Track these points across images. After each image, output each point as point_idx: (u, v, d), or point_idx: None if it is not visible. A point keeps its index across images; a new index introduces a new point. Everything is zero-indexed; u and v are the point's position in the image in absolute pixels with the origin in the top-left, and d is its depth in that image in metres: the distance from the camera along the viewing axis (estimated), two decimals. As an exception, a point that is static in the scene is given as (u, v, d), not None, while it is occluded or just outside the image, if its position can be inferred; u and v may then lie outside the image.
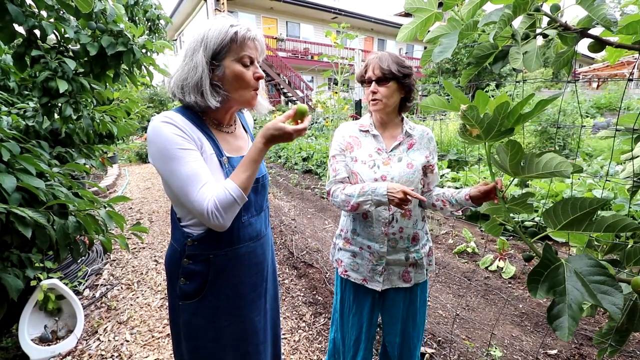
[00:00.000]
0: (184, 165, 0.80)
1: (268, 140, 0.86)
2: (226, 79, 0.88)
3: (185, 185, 0.79)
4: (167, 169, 0.81)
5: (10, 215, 0.87)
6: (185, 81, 0.85)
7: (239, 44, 0.87)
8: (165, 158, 0.80)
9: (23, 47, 1.15)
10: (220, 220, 0.81)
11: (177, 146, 0.80)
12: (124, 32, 1.26)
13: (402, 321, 1.35)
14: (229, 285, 0.98)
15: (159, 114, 0.84)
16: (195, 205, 0.79)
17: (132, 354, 1.95)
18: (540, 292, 0.68)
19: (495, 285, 2.69)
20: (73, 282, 2.61)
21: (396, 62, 1.19)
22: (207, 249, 0.93)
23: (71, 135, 1.96)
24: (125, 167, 8.68)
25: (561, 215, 0.72)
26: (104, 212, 1.18)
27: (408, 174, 1.22)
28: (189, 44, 0.87)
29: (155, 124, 0.82)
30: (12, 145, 0.99)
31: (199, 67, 0.84)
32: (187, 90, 0.86)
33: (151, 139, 0.82)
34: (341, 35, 4.52)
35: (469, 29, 0.93)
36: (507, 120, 0.74)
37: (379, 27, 18.61)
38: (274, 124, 0.85)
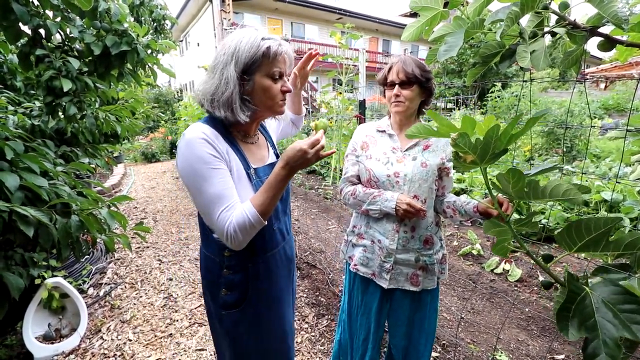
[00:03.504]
0: (212, 185, 0.80)
1: (288, 164, 0.83)
2: (255, 94, 0.87)
3: (211, 204, 0.80)
4: (195, 187, 0.81)
5: (13, 214, 0.87)
6: (215, 95, 0.85)
7: (271, 59, 0.85)
8: (195, 175, 0.80)
9: (28, 46, 1.15)
10: (236, 242, 0.82)
11: (207, 165, 0.80)
12: (128, 31, 1.27)
13: (408, 324, 1.33)
14: (268, 290, 1.00)
15: (192, 126, 0.84)
16: (216, 226, 0.81)
17: (134, 353, 1.95)
18: (572, 330, 0.60)
19: (500, 288, 2.66)
20: (77, 280, 2.63)
21: (419, 67, 1.21)
22: (244, 259, 0.95)
23: (76, 135, 1.98)
24: (130, 167, 8.74)
25: (576, 238, 0.68)
26: (106, 211, 1.18)
27: (422, 172, 1.22)
28: (220, 55, 0.86)
29: (190, 140, 0.81)
30: (16, 144, 0.99)
31: (230, 82, 0.83)
32: (217, 105, 0.85)
33: (183, 153, 0.82)
34: (346, 36, 4.50)
35: (475, 28, 0.92)
36: (500, 142, 0.72)
37: (384, 27, 18.57)
38: (294, 146, 0.83)
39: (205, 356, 1.93)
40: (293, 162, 0.83)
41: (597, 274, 0.73)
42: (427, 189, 1.22)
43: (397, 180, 1.23)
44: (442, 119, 0.84)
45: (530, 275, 2.80)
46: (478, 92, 13.90)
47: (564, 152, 5.63)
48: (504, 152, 0.79)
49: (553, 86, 14.74)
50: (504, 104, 8.30)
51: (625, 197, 3.40)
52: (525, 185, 0.72)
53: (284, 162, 0.83)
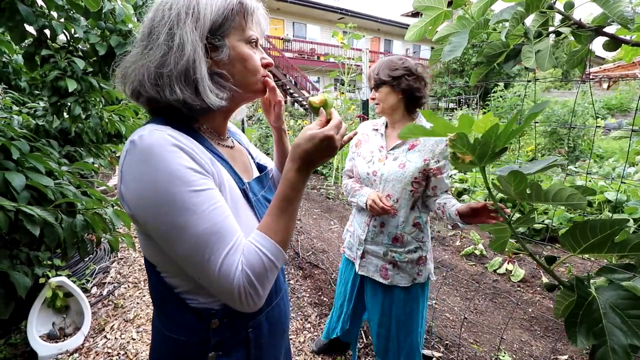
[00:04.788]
0: (201, 217, 0.50)
1: (305, 160, 0.58)
2: (230, 66, 0.60)
3: (204, 249, 0.50)
4: (173, 224, 0.50)
5: (19, 214, 0.88)
6: (162, 68, 0.54)
7: (246, 18, 0.61)
8: (169, 206, 0.49)
9: (33, 46, 1.16)
10: (255, 300, 0.53)
11: (189, 187, 0.50)
12: (133, 31, 1.28)
13: (383, 314, 1.40)
14: (269, 357, 0.71)
15: (143, 129, 0.52)
16: (216, 280, 0.51)
17: (138, 352, 1.96)
18: (580, 337, 0.58)
19: (503, 288, 2.65)
20: (81, 280, 2.64)
21: (387, 68, 1.28)
22: (241, 323, 0.64)
23: (80, 135, 1.99)
24: (133, 167, 8.77)
25: (580, 239, 0.67)
26: (111, 210, 1.18)
27: (397, 172, 1.26)
28: (161, 13, 0.56)
29: (151, 147, 0.49)
30: (21, 144, 1.00)
31: (187, 47, 0.54)
32: (166, 82, 0.54)
33: (140, 171, 0.50)
34: (348, 36, 4.50)
35: (480, 28, 0.92)
36: (499, 141, 0.71)
37: (386, 27, 18.55)
38: (302, 136, 0.58)
39: (208, 355, 1.94)
40: (314, 157, 0.58)
41: (601, 274, 0.73)
42: (400, 189, 1.26)
43: (374, 178, 1.32)
44: (437, 118, 0.83)
45: (534, 276, 2.79)
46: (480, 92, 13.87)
47: (567, 151, 5.61)
48: (504, 151, 0.78)
49: (556, 86, 14.70)
50: (506, 104, 8.29)
51: (629, 198, 3.39)
52: (528, 187, 0.71)
53: (301, 162, 0.58)
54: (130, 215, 0.54)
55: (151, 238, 0.55)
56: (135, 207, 0.51)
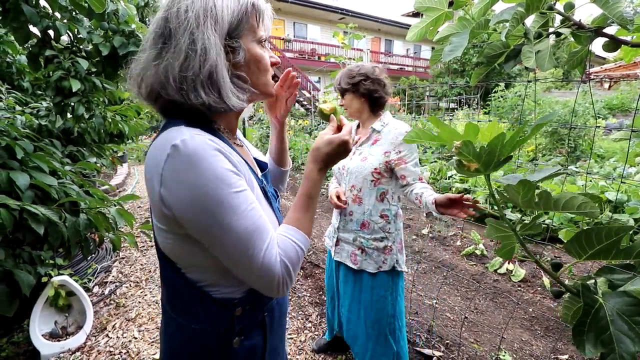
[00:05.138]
0: (243, 216, 0.54)
1: (324, 162, 0.66)
2: (246, 67, 0.62)
3: (247, 245, 0.54)
4: (219, 225, 0.53)
5: (24, 212, 0.89)
6: (186, 72, 0.54)
7: (258, 19, 0.62)
8: (216, 208, 0.52)
9: (37, 47, 1.17)
10: (289, 286, 0.59)
11: (231, 188, 0.53)
12: (136, 32, 1.29)
13: (352, 300, 1.50)
14: (279, 344, 0.76)
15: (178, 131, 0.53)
16: (260, 273, 0.55)
17: (139, 350, 1.97)
18: (588, 345, 0.57)
19: (504, 288, 2.65)
20: (83, 279, 2.65)
21: (347, 77, 1.41)
22: (260, 306, 0.68)
23: (83, 135, 2.00)
24: (134, 167, 8.79)
25: (586, 246, 0.66)
26: (114, 210, 1.19)
27: (359, 166, 1.40)
28: (178, 16, 0.55)
29: (196, 152, 0.51)
30: (25, 143, 1.01)
31: (211, 52, 0.54)
32: (190, 86, 0.55)
33: (187, 177, 0.51)
34: (348, 36, 4.51)
35: (480, 28, 0.92)
36: (505, 150, 0.71)
37: (387, 27, 18.55)
38: (321, 139, 0.67)
39: (209, 354, 1.95)
40: (333, 158, 0.67)
41: (601, 274, 0.73)
42: (362, 179, 1.40)
43: (343, 172, 1.48)
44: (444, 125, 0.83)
45: (534, 276, 2.80)
46: (481, 92, 13.86)
47: (567, 152, 5.60)
48: (509, 159, 0.78)
49: (557, 86, 14.69)
50: (507, 104, 8.29)
51: (629, 198, 3.39)
52: (536, 195, 0.71)
53: (322, 163, 0.66)
54: (170, 216, 0.54)
55: (183, 237, 0.57)
56: (179, 209, 0.53)
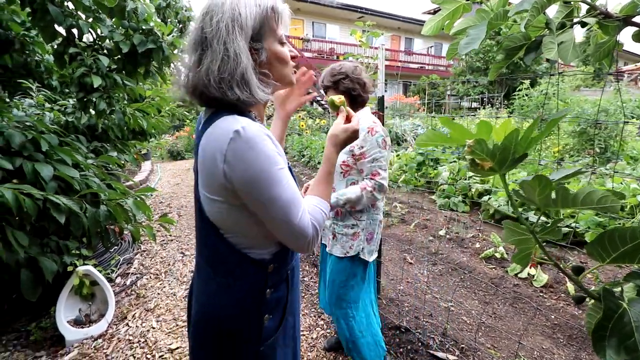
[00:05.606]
0: (286, 188, 0.68)
1: (341, 146, 0.83)
2: (270, 64, 0.74)
3: (289, 210, 0.68)
4: (269, 194, 0.66)
5: (47, 202, 0.93)
6: (222, 75, 0.67)
7: (277, 20, 0.73)
8: (267, 181, 0.66)
9: (62, 45, 1.23)
10: (316, 244, 0.73)
11: (277, 166, 0.67)
12: (154, 30, 1.32)
13: (326, 280, 1.66)
14: (297, 291, 0.89)
15: (234, 120, 0.66)
16: (297, 233, 0.69)
17: (157, 340, 2.03)
18: (609, 351, 0.55)
19: (525, 293, 2.55)
20: (106, 269, 2.76)
21: (329, 75, 1.49)
22: (285, 264, 0.82)
23: (107, 131, 2.08)
24: (157, 164, 9.08)
25: (610, 249, 0.62)
26: (132, 201, 1.23)
27: None
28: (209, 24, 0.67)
29: (254, 137, 0.65)
30: (50, 137, 1.07)
31: (241, 56, 0.66)
32: (227, 85, 0.67)
33: (248, 156, 0.64)
34: (366, 34, 4.47)
35: (499, 19, 0.89)
36: (519, 147, 0.68)
37: (406, 25, 18.26)
38: (338, 127, 0.83)
39: (223, 347, 1.98)
40: (346, 143, 0.83)
41: (629, 279, 0.68)
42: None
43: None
44: (455, 125, 0.81)
45: (558, 281, 2.68)
46: (505, 91, 13.38)
47: (596, 153, 5.32)
48: (524, 157, 0.75)
49: (587, 84, 13.97)
50: (532, 103, 7.96)
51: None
52: (553, 192, 0.68)
53: (339, 147, 0.83)
54: (230, 189, 0.67)
55: (235, 207, 0.70)
56: (239, 182, 0.65)
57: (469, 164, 0.81)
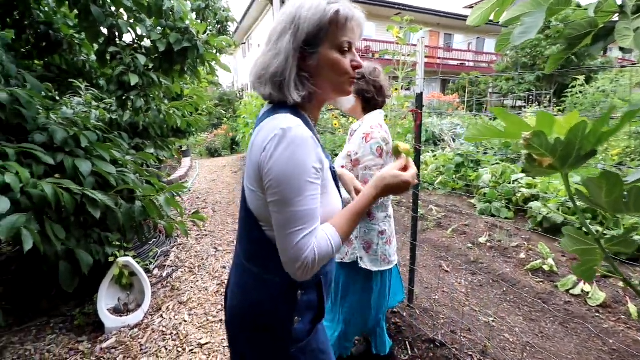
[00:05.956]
0: (304, 202, 0.66)
1: (383, 191, 0.76)
2: (319, 70, 0.73)
3: (294, 223, 0.66)
4: (286, 197, 0.66)
5: (84, 197, 0.96)
6: (265, 69, 0.72)
7: (341, 26, 0.71)
8: (290, 184, 0.65)
9: (104, 45, 1.28)
10: (307, 274, 0.68)
11: (307, 176, 0.66)
12: (190, 28, 1.34)
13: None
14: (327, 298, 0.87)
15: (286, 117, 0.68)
16: (290, 249, 0.66)
17: (188, 334, 2.08)
18: None
19: (578, 312, 2.30)
20: (145, 261, 2.89)
21: None
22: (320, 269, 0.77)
23: (147, 129, 2.17)
24: (196, 160, 9.49)
25: None
26: (163, 198, 1.25)
27: (336, 162, 1.49)
28: (276, 25, 0.73)
29: (297, 137, 0.66)
30: (90, 134, 1.11)
31: (281, 55, 0.69)
32: (263, 81, 0.73)
33: (285, 153, 0.65)
34: (404, 30, 4.31)
35: (561, 4, 0.77)
36: (587, 142, 0.57)
37: (446, 21, 17.52)
38: (390, 172, 0.77)
39: (250, 346, 1.98)
40: (391, 191, 0.77)
41: None
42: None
43: None
44: (511, 116, 0.72)
45: (617, 301, 2.38)
46: (554, 88, 12.36)
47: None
48: (593, 154, 0.64)
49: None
50: (586, 101, 7.24)
51: None
52: (624, 193, 0.57)
53: (380, 189, 0.76)
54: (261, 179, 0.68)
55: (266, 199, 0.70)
56: (266, 177, 0.67)
57: (525, 161, 0.71)
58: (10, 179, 0.83)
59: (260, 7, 15.13)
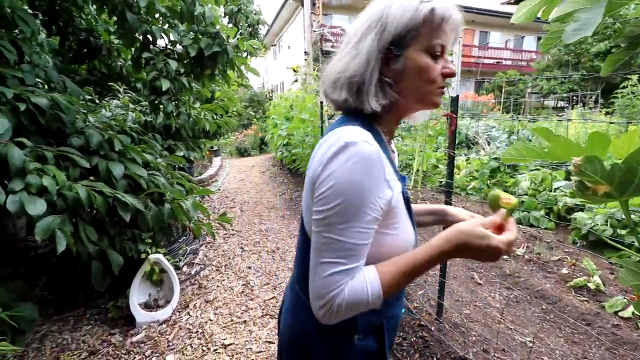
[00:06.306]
0: (351, 234, 0.56)
1: (458, 250, 0.58)
2: (405, 75, 0.63)
3: (328, 252, 0.57)
4: (329, 220, 0.57)
5: (115, 200, 0.98)
6: (341, 74, 0.63)
7: (435, 27, 0.60)
8: (336, 211, 0.56)
9: (139, 50, 1.33)
10: (330, 319, 0.58)
11: (364, 205, 0.56)
12: (220, 33, 1.35)
13: None
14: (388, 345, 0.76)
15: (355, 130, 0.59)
16: (316, 281, 0.58)
17: (213, 333, 2.11)
18: None
19: (628, 337, 2.08)
20: (175, 258, 2.99)
21: None
22: (385, 312, 0.69)
23: (179, 130, 2.23)
24: (226, 160, 9.75)
25: None
26: (190, 202, 1.27)
27: None
28: (357, 26, 0.64)
29: (360, 153, 0.56)
30: (124, 137, 1.14)
31: (361, 55, 0.61)
32: (338, 86, 0.64)
33: (344, 167, 0.56)
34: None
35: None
36: None
37: (482, 18, 16.77)
38: (474, 228, 0.57)
39: (272, 350, 1.97)
40: (471, 253, 0.58)
41: None
42: None
43: None
44: (556, 137, 0.64)
45: (677, 327, 2.13)
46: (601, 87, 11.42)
47: None
48: None
49: None
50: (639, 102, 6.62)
51: None
52: None
53: (454, 246, 0.58)
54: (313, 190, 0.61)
55: None
56: (319, 189, 0.58)
57: (576, 188, 0.63)
58: (47, 182, 0.88)
59: (292, 9, 15.30)
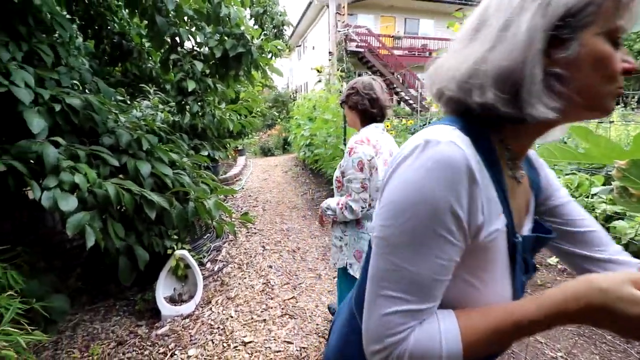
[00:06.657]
0: (421, 261, 0.43)
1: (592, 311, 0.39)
2: (575, 68, 0.43)
3: (390, 284, 0.44)
4: (390, 239, 0.45)
5: (142, 198, 1.02)
6: (478, 65, 0.45)
7: (622, 4, 0.42)
8: (407, 227, 0.43)
9: (167, 52, 1.37)
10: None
11: (438, 223, 0.42)
12: (244, 34, 1.37)
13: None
14: None
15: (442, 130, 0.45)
16: (371, 319, 0.45)
17: (233, 330, 2.15)
18: None
19: (676, 358, 1.91)
20: (199, 254, 3.07)
21: (345, 89, 1.52)
22: None
23: (205, 130, 2.29)
24: (250, 159, 9.93)
25: None
26: (212, 202, 1.29)
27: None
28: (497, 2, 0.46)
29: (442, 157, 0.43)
30: (151, 137, 1.18)
31: (518, 38, 0.42)
32: (476, 83, 0.45)
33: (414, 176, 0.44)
34: (468, 26, 4.00)
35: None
36: None
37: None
38: (622, 287, 0.38)
39: (291, 350, 1.98)
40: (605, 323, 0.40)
41: None
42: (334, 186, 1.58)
43: None
44: (598, 137, 0.58)
45: None
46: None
47: None
48: None
49: None
50: (697, 102, 6.06)
51: None
52: None
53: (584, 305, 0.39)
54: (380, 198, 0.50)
55: None
56: (388, 197, 0.46)
57: (618, 193, 0.58)
58: (79, 179, 0.93)
59: (317, 10, 15.35)
